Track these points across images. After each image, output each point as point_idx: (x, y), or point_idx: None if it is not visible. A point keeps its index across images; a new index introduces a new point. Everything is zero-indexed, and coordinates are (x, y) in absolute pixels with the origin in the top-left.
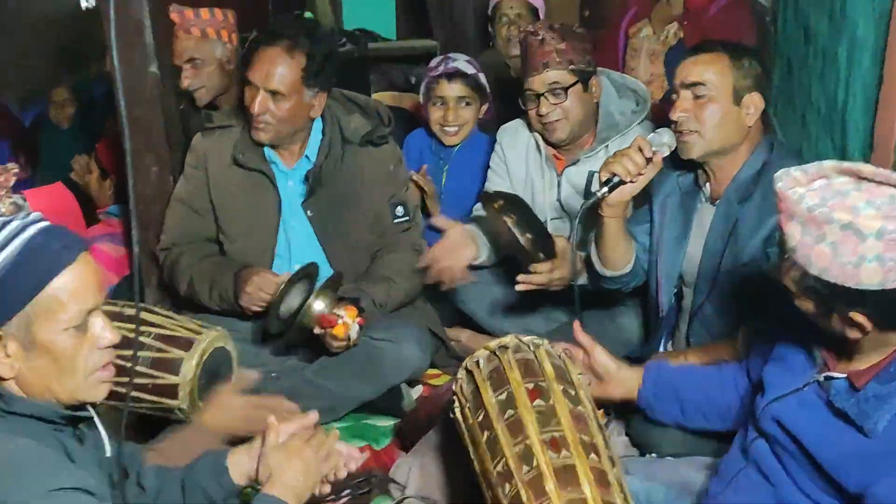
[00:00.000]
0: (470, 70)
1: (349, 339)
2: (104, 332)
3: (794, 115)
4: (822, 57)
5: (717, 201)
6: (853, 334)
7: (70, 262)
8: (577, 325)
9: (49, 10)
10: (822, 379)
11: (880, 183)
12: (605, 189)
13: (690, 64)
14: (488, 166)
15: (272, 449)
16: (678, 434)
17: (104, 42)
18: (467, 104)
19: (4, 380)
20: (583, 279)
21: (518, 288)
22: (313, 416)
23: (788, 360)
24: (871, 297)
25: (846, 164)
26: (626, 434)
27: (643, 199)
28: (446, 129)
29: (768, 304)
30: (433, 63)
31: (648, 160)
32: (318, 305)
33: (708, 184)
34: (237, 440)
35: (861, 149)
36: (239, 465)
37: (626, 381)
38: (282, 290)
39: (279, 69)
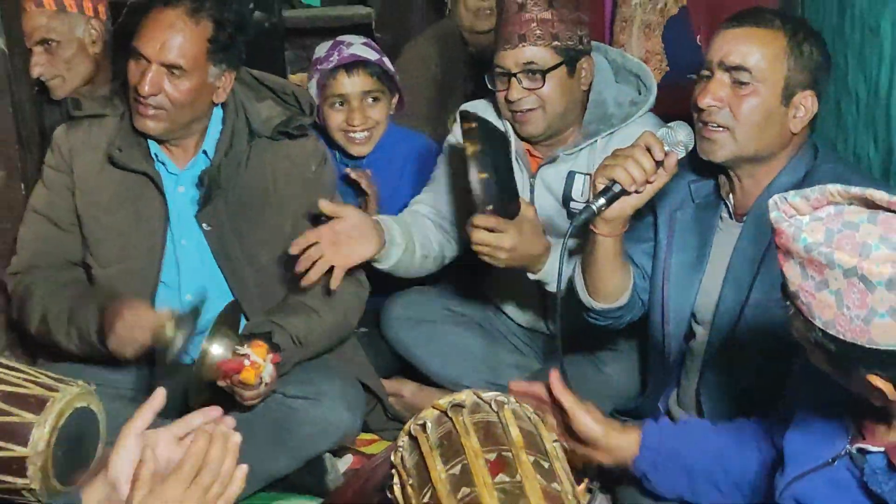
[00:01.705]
0: (373, 56)
1: (262, 382)
2: None
3: (825, 105)
4: (862, 30)
5: (745, 218)
6: (876, 401)
7: None
8: (554, 375)
9: None
10: (854, 452)
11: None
12: (603, 200)
13: (736, 38)
14: (414, 170)
15: (140, 499)
16: None
17: None
18: (375, 100)
19: None
20: (544, 276)
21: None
22: (158, 395)
23: (814, 428)
24: (887, 358)
25: (855, 190)
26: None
27: (645, 210)
28: (352, 135)
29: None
30: (321, 53)
31: (659, 164)
32: (216, 350)
33: (732, 195)
34: None
35: None
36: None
37: (617, 448)
38: (165, 334)
39: (179, 38)
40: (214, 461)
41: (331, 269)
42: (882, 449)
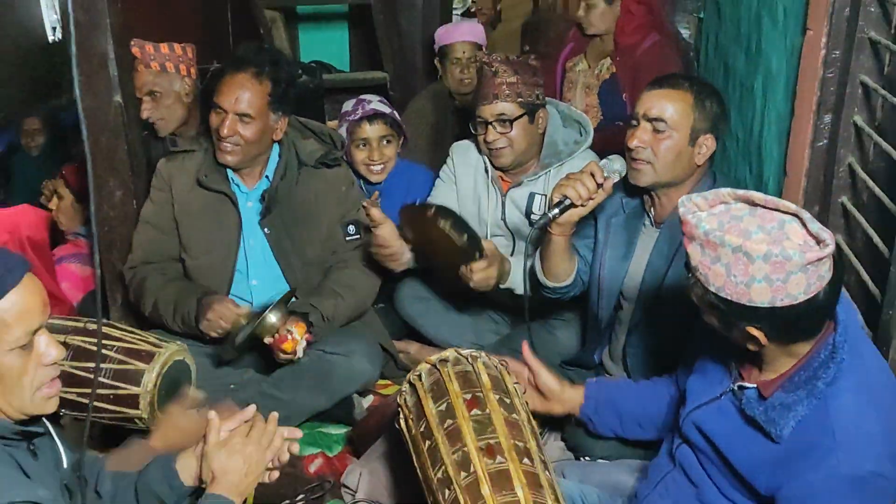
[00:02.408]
0: (387, 110)
1: (295, 353)
2: (49, 349)
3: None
4: (741, 89)
5: (661, 225)
6: (752, 347)
7: (14, 285)
8: (525, 347)
9: (19, 42)
10: (736, 388)
11: (771, 209)
12: (557, 210)
13: (655, 97)
14: (418, 192)
15: (214, 448)
16: (611, 440)
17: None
18: (388, 142)
19: None
20: (511, 283)
21: (474, 281)
22: (251, 409)
23: (708, 372)
24: (762, 313)
25: (741, 192)
26: (562, 439)
27: (589, 217)
28: (372, 168)
29: (697, 320)
30: (349, 107)
31: (599, 185)
32: (272, 318)
33: (653, 208)
34: None
35: (776, 174)
36: (188, 468)
37: (568, 399)
38: (240, 323)
39: (247, 94)
40: (260, 425)
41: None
42: (755, 385)
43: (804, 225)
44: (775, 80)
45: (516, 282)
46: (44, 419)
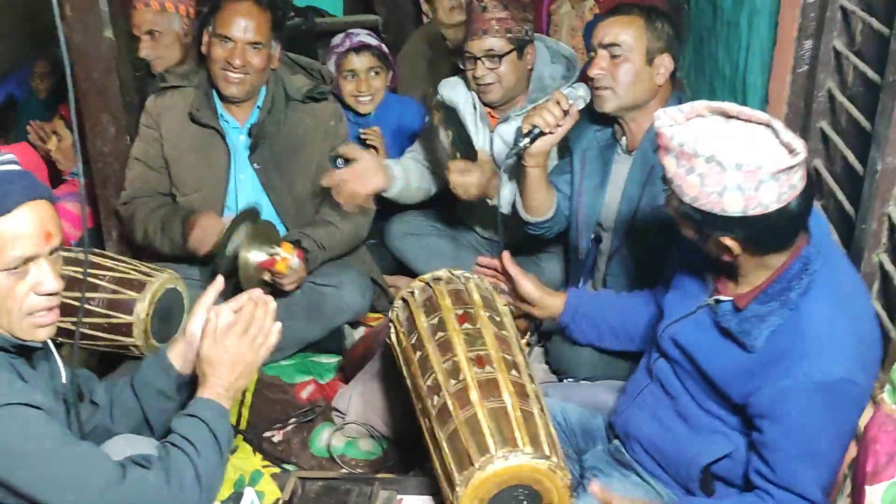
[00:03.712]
0: (374, 42)
1: (293, 269)
2: (43, 279)
3: (704, 83)
4: (728, 27)
5: (634, 152)
6: (726, 258)
7: (10, 209)
8: (505, 254)
9: None
10: (712, 302)
11: (745, 120)
12: (527, 140)
13: (607, 25)
14: (407, 125)
15: (207, 346)
16: (592, 359)
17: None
18: (376, 74)
19: None
20: (499, 201)
21: (452, 183)
22: (218, 281)
23: (685, 287)
24: (736, 222)
25: (715, 104)
26: (546, 362)
27: (564, 152)
28: (360, 99)
29: (674, 240)
30: (336, 41)
31: (565, 112)
32: (253, 257)
33: (624, 137)
34: None
35: (759, 105)
36: (180, 356)
37: (549, 306)
38: (226, 231)
39: (255, 22)
40: (259, 319)
41: None
42: (730, 298)
43: (776, 134)
44: (759, 13)
45: (503, 200)
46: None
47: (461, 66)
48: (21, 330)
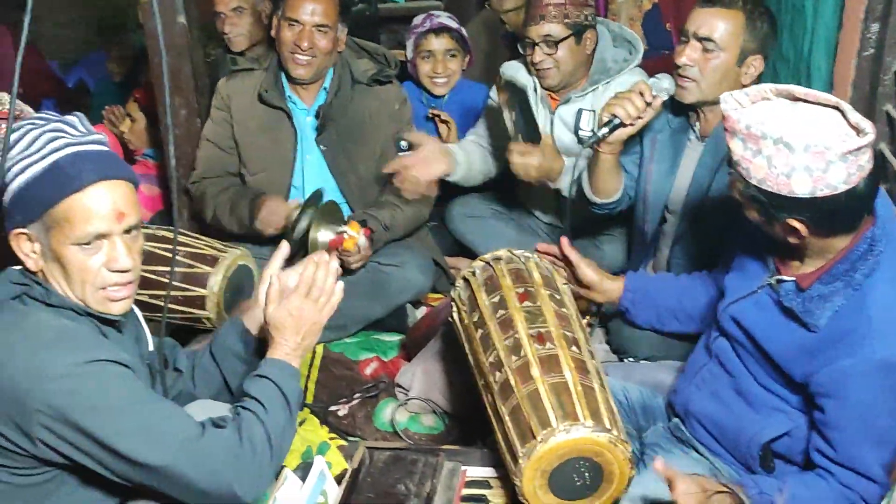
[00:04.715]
0: (454, 24)
1: (360, 248)
2: (116, 255)
3: (767, 67)
4: (792, 12)
5: (706, 139)
6: (793, 240)
7: (83, 187)
8: (564, 239)
9: None
10: (774, 282)
11: (812, 103)
12: (606, 129)
13: (707, 14)
14: (478, 110)
15: (273, 309)
16: (652, 340)
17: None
18: (453, 56)
19: (34, 273)
20: (560, 185)
21: (513, 162)
22: (283, 246)
23: (746, 268)
24: (803, 204)
25: (782, 86)
26: (607, 342)
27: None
28: (436, 80)
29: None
30: (418, 20)
31: (648, 104)
32: (322, 236)
33: (698, 123)
34: None
35: (824, 88)
36: (255, 321)
37: (608, 290)
38: (296, 215)
39: (322, 5)
40: (320, 280)
41: None
42: (793, 278)
43: (844, 116)
44: None
45: (565, 183)
46: (134, 307)
47: (521, 52)
48: (95, 302)
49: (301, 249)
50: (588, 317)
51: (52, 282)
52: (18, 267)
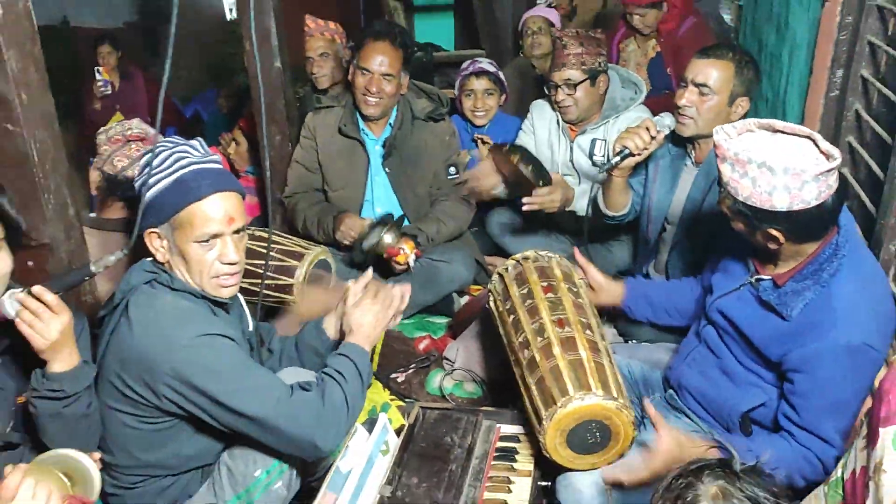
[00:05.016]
0: (492, 69)
1: (408, 265)
2: (227, 252)
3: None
4: (770, 60)
5: (700, 165)
6: (772, 245)
7: (202, 197)
8: (576, 250)
9: (202, 23)
10: (754, 280)
11: (789, 133)
12: (618, 158)
13: (703, 64)
14: (511, 138)
15: (350, 308)
16: (646, 325)
17: (244, 46)
18: (490, 94)
19: (162, 263)
20: (576, 206)
21: (524, 208)
22: (368, 272)
23: (730, 269)
24: (782, 216)
25: (764, 120)
26: (614, 327)
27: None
28: (476, 113)
29: (722, 234)
30: (464, 65)
31: (653, 138)
32: (388, 239)
33: (693, 151)
34: None
35: (796, 123)
36: (331, 326)
37: (612, 292)
38: (365, 231)
39: (388, 58)
40: (385, 288)
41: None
42: (770, 277)
43: (816, 144)
44: (799, 47)
45: (578, 207)
46: (238, 294)
47: (546, 92)
48: (210, 287)
49: (363, 260)
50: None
51: (175, 271)
52: (150, 258)
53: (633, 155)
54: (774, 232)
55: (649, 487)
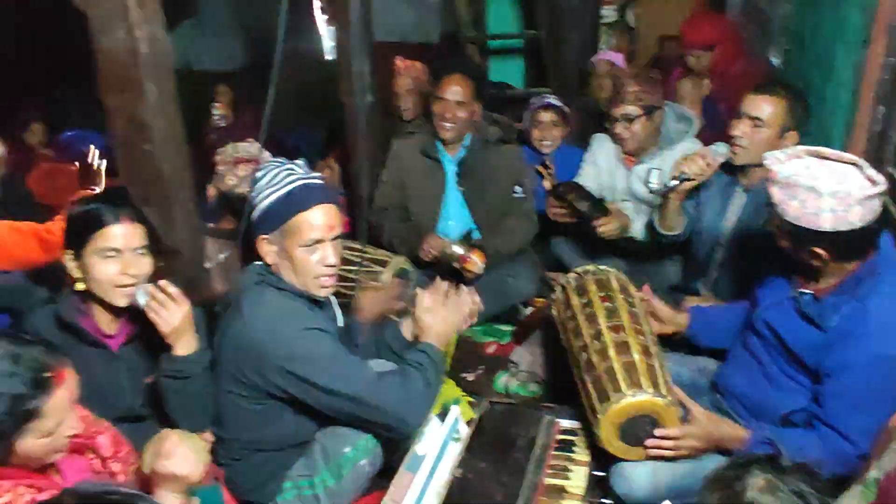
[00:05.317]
0: (558, 103)
1: (476, 272)
2: (328, 255)
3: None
4: (816, 98)
5: (749, 190)
6: (816, 263)
7: (307, 209)
8: (646, 287)
9: (304, 62)
10: (797, 295)
11: (835, 160)
12: (677, 182)
13: (758, 99)
14: (576, 165)
15: (423, 311)
16: None
17: (340, 84)
18: (556, 126)
19: (270, 266)
20: (633, 230)
21: (599, 231)
22: (437, 280)
23: (775, 284)
24: (827, 236)
25: (811, 148)
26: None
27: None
28: (543, 143)
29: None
30: (533, 100)
31: (708, 165)
32: (458, 249)
33: (744, 179)
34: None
35: None
36: (407, 327)
37: (677, 322)
38: (445, 247)
39: (462, 88)
40: (453, 293)
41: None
42: (811, 292)
43: (861, 170)
44: (844, 87)
45: (635, 230)
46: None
47: (608, 126)
48: (312, 287)
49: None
50: None
51: (281, 273)
52: (259, 262)
53: (690, 180)
54: (819, 250)
55: (689, 459)
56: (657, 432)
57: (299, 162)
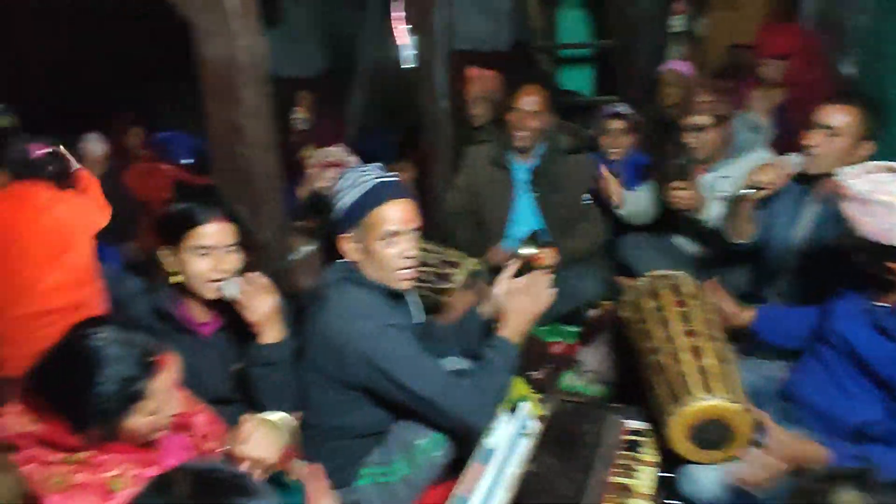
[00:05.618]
0: (626, 112)
1: (550, 266)
2: (408, 248)
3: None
4: (891, 109)
5: (821, 200)
6: (890, 277)
7: (383, 202)
8: (710, 282)
9: (383, 70)
10: (871, 307)
11: None
12: (752, 191)
13: (832, 109)
14: (640, 170)
15: (501, 296)
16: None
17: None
18: (624, 134)
19: (352, 263)
20: (703, 215)
21: (673, 196)
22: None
23: (849, 296)
24: None
25: (883, 163)
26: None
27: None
28: (611, 150)
29: (841, 264)
30: (605, 108)
31: (781, 175)
32: (526, 250)
33: (816, 188)
34: None
35: None
36: (486, 312)
37: (744, 318)
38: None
39: (537, 98)
40: (533, 282)
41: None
42: (887, 305)
43: None
44: None
45: (706, 214)
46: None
47: (679, 134)
48: (392, 280)
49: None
50: None
51: (363, 268)
52: (342, 260)
53: (762, 189)
54: (893, 265)
55: (773, 486)
56: (748, 479)
57: (374, 165)
